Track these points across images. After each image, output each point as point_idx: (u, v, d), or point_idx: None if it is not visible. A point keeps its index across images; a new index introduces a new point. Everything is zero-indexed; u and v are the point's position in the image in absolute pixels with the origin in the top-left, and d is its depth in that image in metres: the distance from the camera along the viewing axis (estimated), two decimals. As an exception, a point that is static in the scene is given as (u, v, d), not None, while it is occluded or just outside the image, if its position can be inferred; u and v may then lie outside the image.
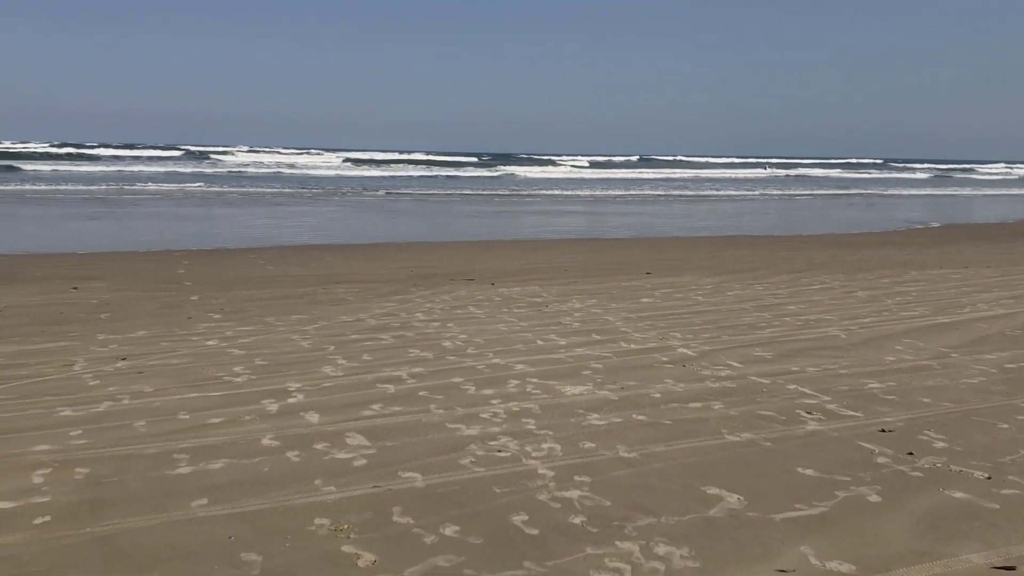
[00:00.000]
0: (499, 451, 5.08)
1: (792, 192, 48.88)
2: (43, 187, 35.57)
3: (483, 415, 5.80)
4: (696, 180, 61.98)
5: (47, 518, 4.04)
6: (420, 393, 6.34)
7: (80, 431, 5.32)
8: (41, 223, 22.01)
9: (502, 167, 69.15)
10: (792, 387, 6.63)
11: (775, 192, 48.22)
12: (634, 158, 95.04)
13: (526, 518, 4.16)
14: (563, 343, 8.12)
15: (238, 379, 6.65)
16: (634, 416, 5.85)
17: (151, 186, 37.95)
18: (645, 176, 66.36)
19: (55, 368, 6.89)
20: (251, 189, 38.49)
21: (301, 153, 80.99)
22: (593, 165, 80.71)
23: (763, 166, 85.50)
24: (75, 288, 10.99)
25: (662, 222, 26.67)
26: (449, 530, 4.00)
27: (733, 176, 70.65)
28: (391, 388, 6.46)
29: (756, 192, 47.41)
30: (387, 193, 38.80)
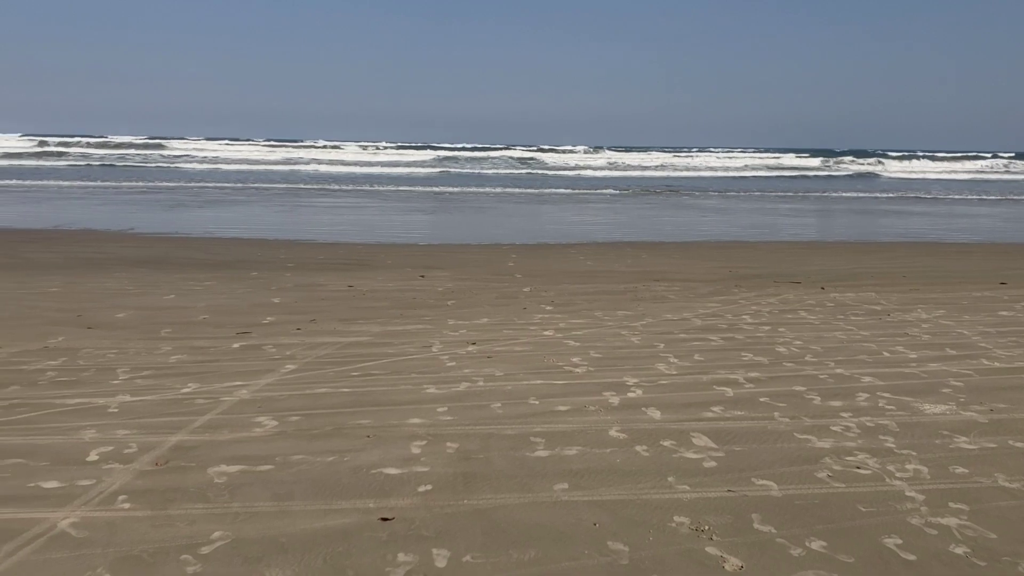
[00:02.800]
0: (858, 468, 4.80)
1: None
2: (389, 188, 39.46)
3: (834, 428, 5.51)
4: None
5: (428, 487, 4.43)
6: (761, 399, 6.16)
7: (445, 408, 5.79)
8: (385, 216, 24.43)
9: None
10: None
11: None
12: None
13: (899, 542, 3.88)
14: (914, 356, 7.50)
15: (577, 370, 6.89)
16: (1010, 443, 5.25)
17: (488, 189, 40.67)
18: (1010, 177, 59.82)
19: (416, 348, 7.58)
20: (565, 190, 39.92)
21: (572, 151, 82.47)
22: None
23: None
24: (422, 276, 12.04)
25: (1011, 227, 23.82)
26: (816, 544, 3.83)
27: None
28: (729, 391, 6.35)
29: None
30: (704, 193, 38.39)
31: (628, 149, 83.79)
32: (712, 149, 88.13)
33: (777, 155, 77.64)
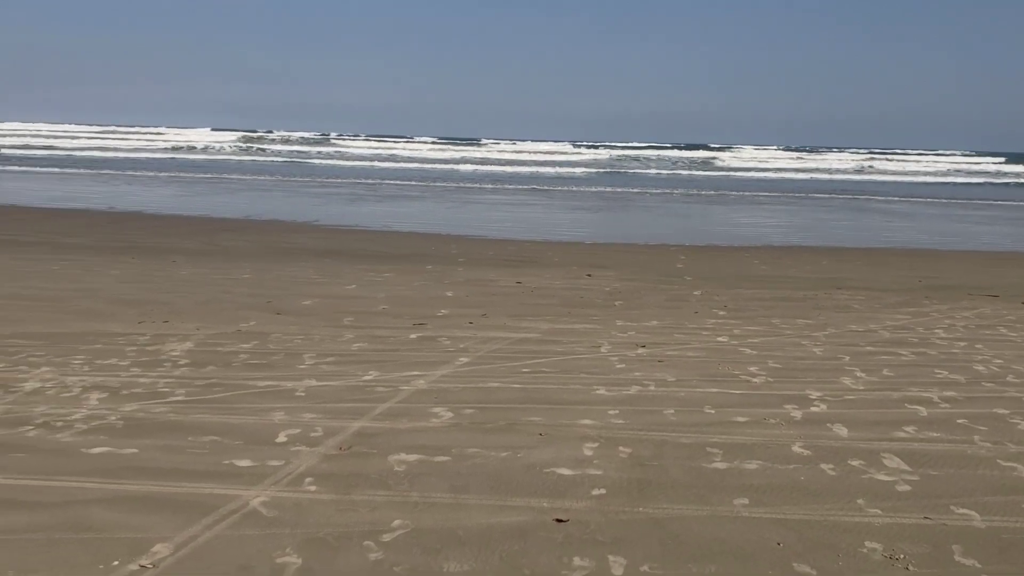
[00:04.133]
0: (1078, 504, 4.33)
1: None
2: (558, 187, 39.71)
3: (1046, 457, 5.01)
4: None
5: (602, 491, 4.36)
6: (958, 420, 5.70)
7: (616, 411, 5.70)
8: (552, 214, 24.55)
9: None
10: None
11: None
12: None
13: None
14: None
15: (755, 379, 6.62)
16: None
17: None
18: None
19: (585, 348, 7.53)
20: (741, 192, 38.84)
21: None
22: None
23: None
24: (589, 275, 11.99)
25: None
26: (1030, 587, 3.48)
27: None
28: (922, 410, 5.91)
29: None
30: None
31: (813, 149, 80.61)
32: (911, 151, 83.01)
33: (979, 159, 72.50)
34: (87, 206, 21.75)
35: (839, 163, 64.84)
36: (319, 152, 64.71)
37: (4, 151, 54.17)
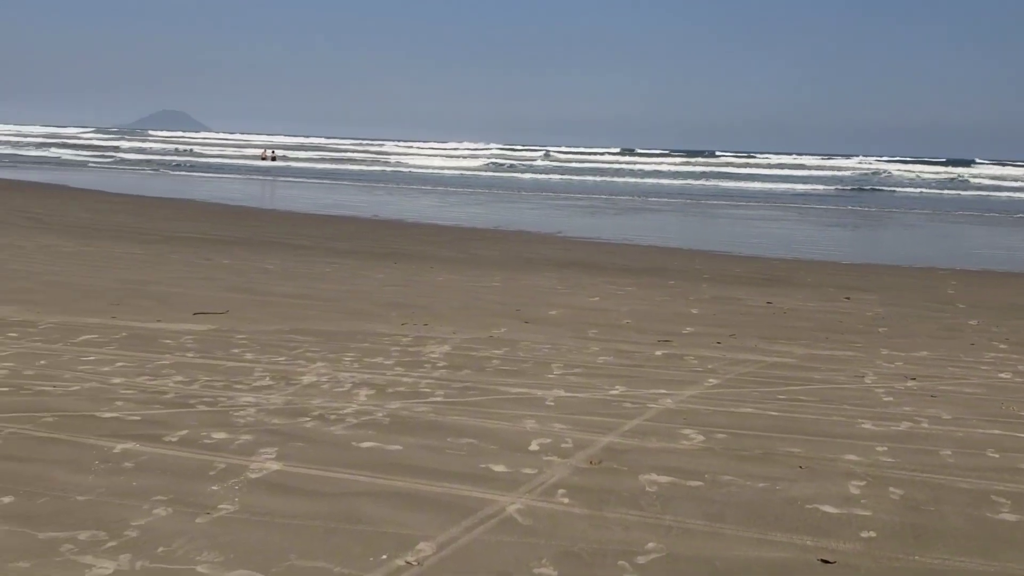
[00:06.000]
0: None
1: None
2: (810, 205, 37.97)
3: None
4: None
5: (872, 533, 4.03)
6: None
7: (885, 448, 5.27)
8: (803, 231, 23.42)
9: None
10: None
11: None
12: None
13: None
14: None
15: (1048, 424, 5.89)
16: None
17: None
18: None
19: (846, 377, 7.06)
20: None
21: None
22: None
23: None
24: (847, 298, 11.26)
25: None
26: None
27: None
28: None
29: None
30: None
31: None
32: None
33: None
34: (354, 213, 23.57)
35: None
36: (543, 165, 66.21)
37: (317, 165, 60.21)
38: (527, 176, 53.59)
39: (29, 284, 10.13)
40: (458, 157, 76.11)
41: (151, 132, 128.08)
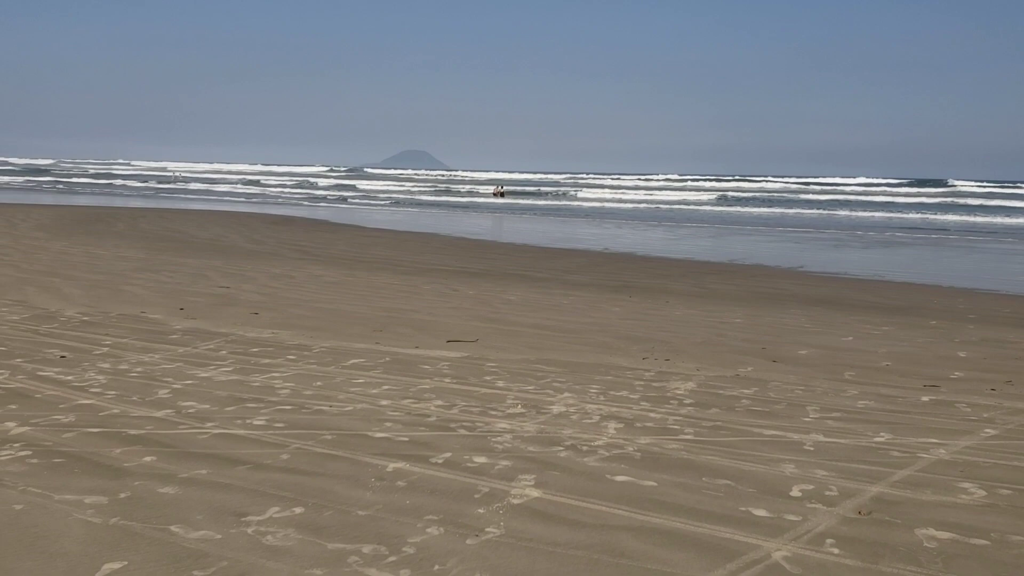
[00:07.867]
0: None
1: None
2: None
3: None
4: None
5: None
6: None
7: None
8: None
9: None
10: None
11: None
12: None
13: None
14: None
15: None
16: None
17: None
18: None
19: None
20: None
21: None
22: None
23: None
24: None
25: None
26: None
27: None
28: None
29: None
30: None
31: None
32: None
33: None
34: (586, 247, 23.93)
35: None
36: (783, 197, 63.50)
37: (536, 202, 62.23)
38: (755, 211, 51.96)
39: (301, 311, 11.13)
40: (693, 190, 75.34)
41: (396, 170, 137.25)
